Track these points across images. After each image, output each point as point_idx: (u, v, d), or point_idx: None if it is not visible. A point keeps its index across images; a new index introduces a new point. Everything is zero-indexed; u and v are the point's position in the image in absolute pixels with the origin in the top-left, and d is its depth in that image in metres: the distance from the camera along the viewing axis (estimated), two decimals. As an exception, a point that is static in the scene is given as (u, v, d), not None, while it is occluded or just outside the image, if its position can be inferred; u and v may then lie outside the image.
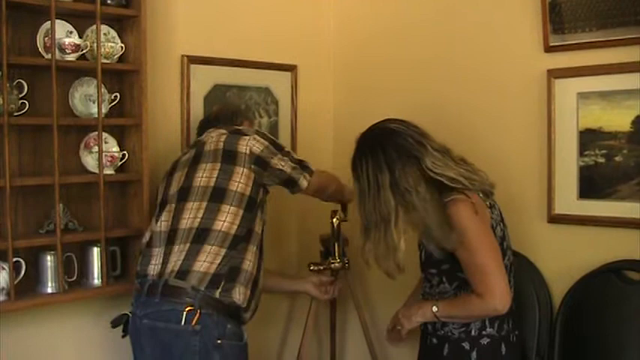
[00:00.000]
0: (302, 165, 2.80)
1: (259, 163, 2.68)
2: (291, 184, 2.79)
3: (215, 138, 2.74)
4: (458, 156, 2.52)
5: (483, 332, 2.47)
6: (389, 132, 2.46)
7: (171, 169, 2.81)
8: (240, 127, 2.82)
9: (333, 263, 3.23)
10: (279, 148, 2.76)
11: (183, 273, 2.52)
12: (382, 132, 2.49)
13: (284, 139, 3.58)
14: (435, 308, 2.47)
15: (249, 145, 2.68)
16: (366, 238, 2.47)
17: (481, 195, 2.45)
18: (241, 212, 2.62)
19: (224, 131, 2.76)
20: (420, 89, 3.40)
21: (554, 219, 2.97)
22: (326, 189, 2.95)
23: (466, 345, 2.48)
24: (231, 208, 2.60)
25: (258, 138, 2.72)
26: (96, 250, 2.87)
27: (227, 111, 3.03)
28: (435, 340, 2.55)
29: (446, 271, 2.48)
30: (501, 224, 2.52)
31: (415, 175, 2.38)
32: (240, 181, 2.64)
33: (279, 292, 3.38)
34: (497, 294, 2.33)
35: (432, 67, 3.37)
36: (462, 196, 2.38)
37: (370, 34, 3.65)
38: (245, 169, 2.66)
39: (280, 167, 2.72)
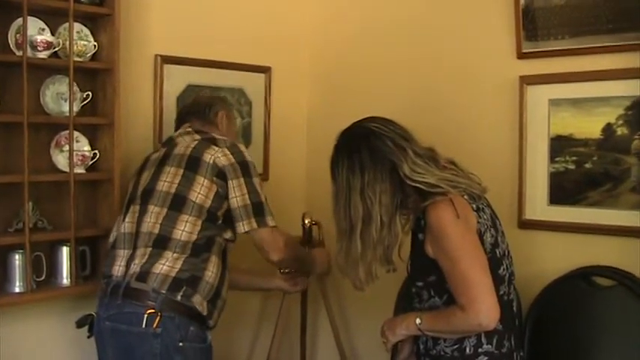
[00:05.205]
0: (258, 210, 2.64)
1: (221, 176, 2.60)
2: (233, 219, 2.64)
3: (187, 142, 2.69)
4: (446, 158, 2.37)
5: (479, 350, 2.22)
6: (368, 133, 2.29)
7: (141, 166, 2.78)
8: (216, 136, 2.71)
9: (304, 266, 3.22)
10: (247, 174, 2.63)
11: (143, 275, 2.50)
12: (362, 132, 2.31)
13: (257, 140, 3.58)
14: (418, 320, 2.25)
15: (215, 156, 2.61)
16: (338, 244, 2.33)
17: (466, 197, 2.24)
18: (200, 222, 2.56)
19: (197, 137, 2.71)
20: (393, 93, 3.40)
21: (524, 224, 2.99)
22: (281, 252, 2.72)
23: None
24: (190, 217, 2.56)
25: (227, 152, 2.63)
26: (65, 250, 2.84)
27: (200, 104, 2.92)
28: None
29: (433, 283, 2.26)
30: (492, 229, 2.28)
31: (384, 185, 2.23)
32: (200, 192, 2.58)
33: (250, 289, 3.36)
34: (481, 308, 2.09)
35: (406, 71, 3.38)
36: (442, 197, 2.19)
37: (345, 38, 3.66)
38: (206, 180, 2.59)
39: (231, 195, 2.61)
